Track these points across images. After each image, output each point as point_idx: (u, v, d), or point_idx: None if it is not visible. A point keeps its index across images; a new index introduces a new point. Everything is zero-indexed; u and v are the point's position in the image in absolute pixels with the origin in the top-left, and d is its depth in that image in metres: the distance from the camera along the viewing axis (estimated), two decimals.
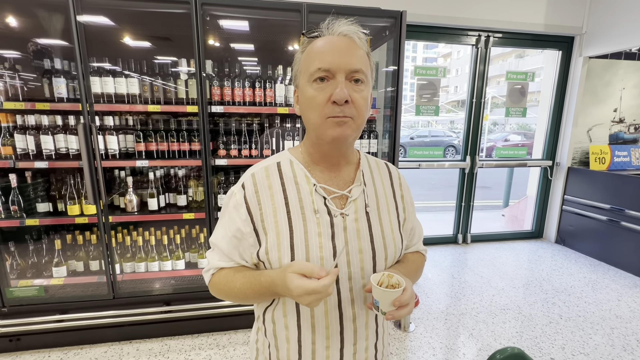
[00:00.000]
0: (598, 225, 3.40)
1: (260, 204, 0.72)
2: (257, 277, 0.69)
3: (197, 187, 2.27)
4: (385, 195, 0.80)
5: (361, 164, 0.80)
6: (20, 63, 2.07)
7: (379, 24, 2.28)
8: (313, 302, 0.59)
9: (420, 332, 2.26)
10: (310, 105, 0.66)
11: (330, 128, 0.66)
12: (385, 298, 0.64)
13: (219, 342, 2.11)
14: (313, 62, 0.65)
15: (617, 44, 3.18)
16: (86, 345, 2.06)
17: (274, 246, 0.69)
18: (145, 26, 2.34)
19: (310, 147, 0.75)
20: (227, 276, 0.74)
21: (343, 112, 0.64)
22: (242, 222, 0.72)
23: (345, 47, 0.65)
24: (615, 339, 2.18)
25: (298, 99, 0.73)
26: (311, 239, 0.69)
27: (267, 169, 0.75)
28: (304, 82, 0.68)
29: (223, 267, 0.76)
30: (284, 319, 0.74)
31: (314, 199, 0.72)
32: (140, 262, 2.17)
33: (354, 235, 0.72)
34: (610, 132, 3.79)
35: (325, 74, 0.64)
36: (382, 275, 0.69)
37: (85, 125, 1.82)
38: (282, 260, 0.68)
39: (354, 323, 0.73)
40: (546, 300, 2.65)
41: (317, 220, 0.71)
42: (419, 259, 0.88)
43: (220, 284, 0.75)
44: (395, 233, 0.77)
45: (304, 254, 0.68)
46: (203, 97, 1.93)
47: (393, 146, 2.22)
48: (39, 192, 2.11)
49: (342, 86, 0.63)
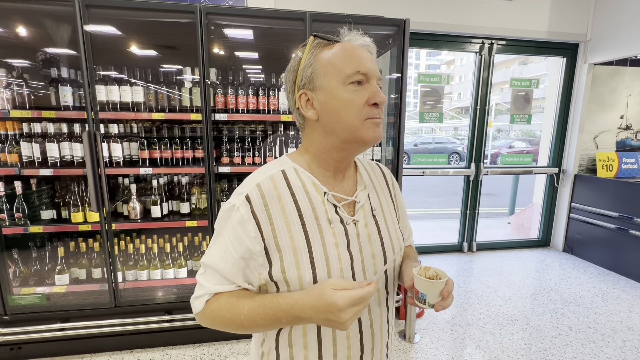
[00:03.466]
0: (607, 234, 3.33)
1: (270, 218, 0.66)
2: (273, 300, 0.62)
3: (200, 194, 2.27)
4: (384, 195, 0.81)
5: (358, 167, 0.80)
6: (28, 72, 2.11)
7: (382, 32, 2.29)
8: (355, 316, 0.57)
9: (426, 343, 2.21)
10: (346, 107, 0.65)
11: (371, 129, 0.67)
12: (433, 290, 0.65)
13: (221, 352, 2.08)
14: (349, 63, 0.65)
15: (622, 50, 3.16)
16: (87, 354, 2.04)
17: (291, 264, 0.65)
18: (151, 35, 2.37)
19: (325, 152, 0.71)
20: (230, 302, 0.65)
21: (380, 114, 0.68)
22: (250, 240, 0.64)
23: (369, 56, 0.68)
24: (627, 352, 2.11)
25: (310, 103, 0.69)
26: (330, 250, 0.67)
27: (273, 178, 0.69)
28: (335, 84, 0.65)
29: (220, 291, 0.67)
30: (304, 339, 0.69)
31: (326, 208, 0.69)
32: (142, 270, 2.15)
33: (366, 240, 0.72)
34: (617, 139, 3.74)
35: (363, 78, 0.66)
36: (420, 268, 0.69)
37: (90, 133, 1.83)
38: (303, 278, 0.64)
39: (372, 328, 0.72)
40: (555, 310, 2.58)
41: (332, 230, 0.68)
42: (412, 252, 0.90)
43: (220, 310, 0.65)
44: (397, 232, 0.79)
45: (325, 268, 0.65)
46: (207, 104, 1.94)
47: (397, 153, 2.21)
48: (43, 199, 2.12)
49: (379, 90, 0.67)
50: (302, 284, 0.64)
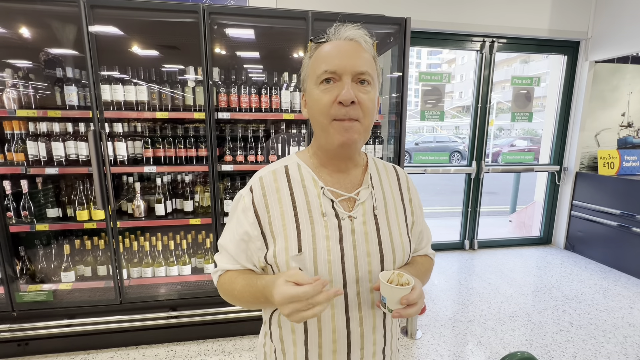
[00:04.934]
0: (608, 231, 3.34)
1: (267, 207, 0.72)
2: (254, 280, 0.70)
3: (204, 192, 2.29)
4: (393, 198, 0.79)
5: (369, 167, 0.80)
6: (34, 72, 2.13)
7: (383, 31, 2.30)
8: (293, 315, 0.56)
9: (428, 339, 2.23)
10: (316, 106, 0.67)
11: (338, 133, 0.66)
12: (393, 295, 0.64)
13: (225, 348, 2.10)
14: (320, 65, 0.66)
15: (623, 48, 3.16)
16: (93, 350, 2.07)
17: (282, 250, 0.69)
18: (154, 35, 2.39)
19: (318, 149, 0.75)
20: (231, 278, 0.75)
21: (348, 114, 0.65)
22: (249, 225, 0.72)
23: (352, 50, 0.66)
24: (628, 348, 2.12)
25: (306, 102, 0.75)
26: (319, 242, 0.69)
27: (275, 172, 0.75)
28: (311, 85, 0.69)
29: (229, 269, 0.77)
30: (291, 323, 0.73)
31: (321, 202, 0.72)
32: (147, 267, 2.18)
33: (362, 238, 0.72)
34: (619, 137, 3.74)
35: (331, 76, 0.65)
36: (392, 273, 0.69)
37: (95, 132, 1.85)
38: (290, 263, 0.68)
39: (361, 327, 0.72)
40: (556, 307, 2.60)
41: (324, 223, 0.71)
42: (427, 262, 0.88)
43: (224, 285, 0.76)
44: (403, 236, 0.77)
45: (311, 258, 0.68)
46: (210, 104, 1.96)
47: (398, 152, 2.23)
48: (49, 197, 2.15)
49: (348, 87, 0.64)
50: (290, 269, 0.66)
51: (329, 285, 0.68)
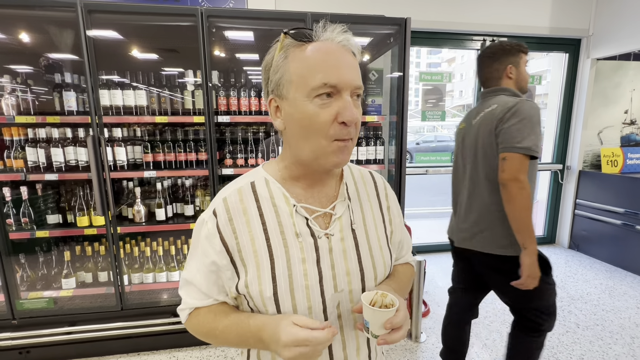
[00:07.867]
0: (613, 230, 3.31)
1: (235, 232, 0.64)
2: (244, 318, 0.64)
3: (204, 196, 2.27)
4: (371, 208, 0.74)
5: (344, 176, 0.74)
6: (32, 77, 2.12)
7: (383, 31, 2.28)
8: (302, 356, 0.53)
9: (432, 342, 2.21)
10: (310, 124, 0.58)
11: (334, 154, 0.60)
12: (376, 319, 0.58)
13: (227, 354, 2.08)
14: (314, 74, 0.57)
15: (625, 45, 3.14)
16: (94, 357, 2.05)
17: (254, 279, 0.63)
18: (153, 39, 2.38)
19: (293, 164, 0.67)
20: (207, 317, 0.67)
21: (350, 134, 0.59)
22: (216, 254, 0.64)
23: (350, 60, 0.59)
24: (636, 349, 2.09)
25: (279, 110, 0.63)
26: (294, 266, 0.63)
27: (241, 191, 0.67)
28: (300, 96, 0.58)
29: (200, 306, 0.69)
30: (272, 352, 0.68)
31: (294, 221, 0.65)
32: (148, 273, 2.16)
33: (340, 256, 0.67)
34: (622, 134, 3.71)
35: (332, 90, 0.57)
36: (375, 294, 0.63)
37: (94, 138, 1.84)
38: (264, 293, 0.62)
39: (345, 350, 0.68)
40: (562, 308, 2.57)
41: (299, 244, 0.64)
42: (408, 270, 0.84)
43: (199, 325, 0.69)
44: (384, 250, 0.72)
45: (287, 285, 0.62)
46: (209, 107, 1.95)
47: (400, 152, 2.21)
48: (48, 203, 2.14)
49: (351, 106, 0.58)
50: (264, 300, 0.63)
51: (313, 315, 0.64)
